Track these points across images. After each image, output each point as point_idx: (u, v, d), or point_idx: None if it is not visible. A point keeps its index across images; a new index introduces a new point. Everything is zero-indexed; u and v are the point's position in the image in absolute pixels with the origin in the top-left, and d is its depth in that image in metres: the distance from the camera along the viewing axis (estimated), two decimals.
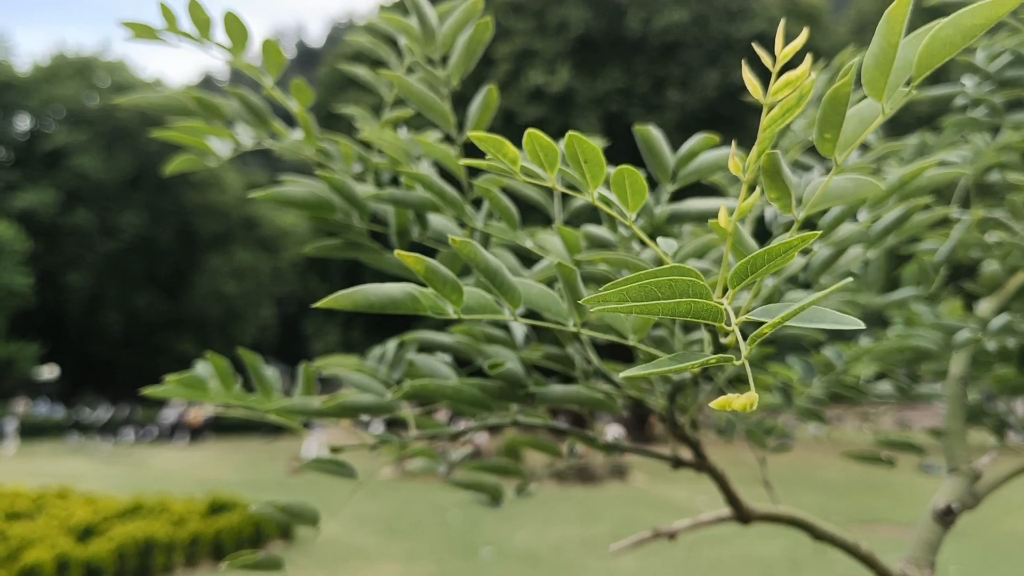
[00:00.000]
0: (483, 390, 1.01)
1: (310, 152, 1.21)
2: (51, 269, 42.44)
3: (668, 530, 1.22)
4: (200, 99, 1.13)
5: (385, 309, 0.84)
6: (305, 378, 1.01)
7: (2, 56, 47.31)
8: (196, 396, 1.02)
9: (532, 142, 0.83)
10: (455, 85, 1.10)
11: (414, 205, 1.03)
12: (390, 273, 1.14)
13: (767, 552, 12.25)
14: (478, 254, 0.83)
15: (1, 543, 9.21)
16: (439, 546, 12.15)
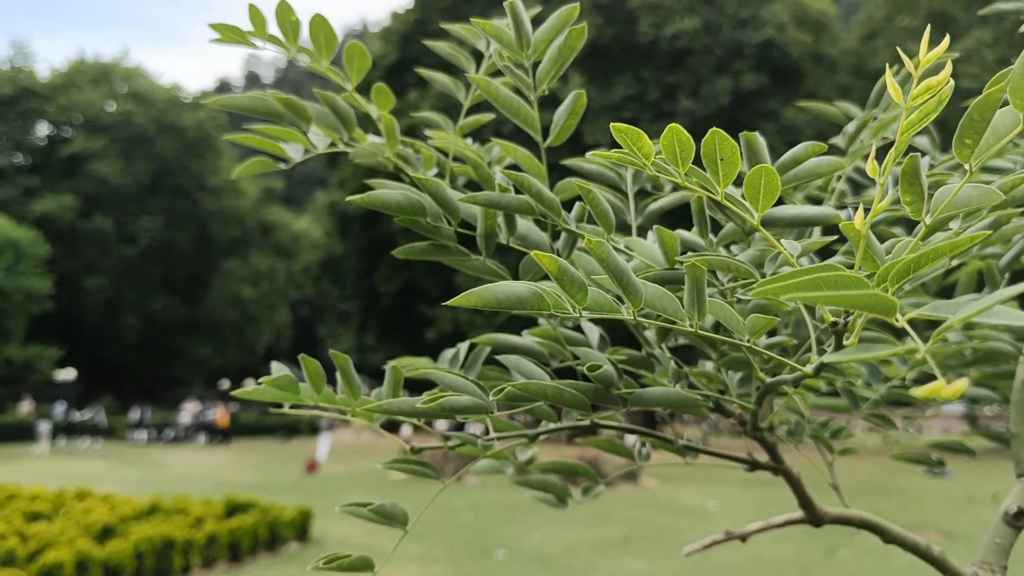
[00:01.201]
0: (582, 392, 1.01)
1: (388, 156, 1.21)
2: (69, 273, 42.85)
3: (740, 533, 1.22)
4: (287, 101, 1.15)
5: (512, 307, 0.86)
6: (393, 379, 1.04)
7: (21, 63, 47.81)
8: (288, 398, 1.04)
9: (671, 137, 0.82)
10: (544, 91, 1.10)
11: (510, 207, 1.03)
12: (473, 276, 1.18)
13: (778, 555, 12.28)
14: (609, 255, 0.84)
15: (21, 543, 9.37)
16: (454, 547, 12.24)
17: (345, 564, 1.14)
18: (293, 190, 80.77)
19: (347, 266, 42.18)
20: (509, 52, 1.10)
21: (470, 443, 1.21)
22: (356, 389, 1.05)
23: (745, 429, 1.13)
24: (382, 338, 44.51)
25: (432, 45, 1.31)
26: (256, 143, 1.27)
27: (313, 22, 1.10)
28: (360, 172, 38.62)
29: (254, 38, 1.11)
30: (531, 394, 0.97)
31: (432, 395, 1.00)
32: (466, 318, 37.02)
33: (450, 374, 1.07)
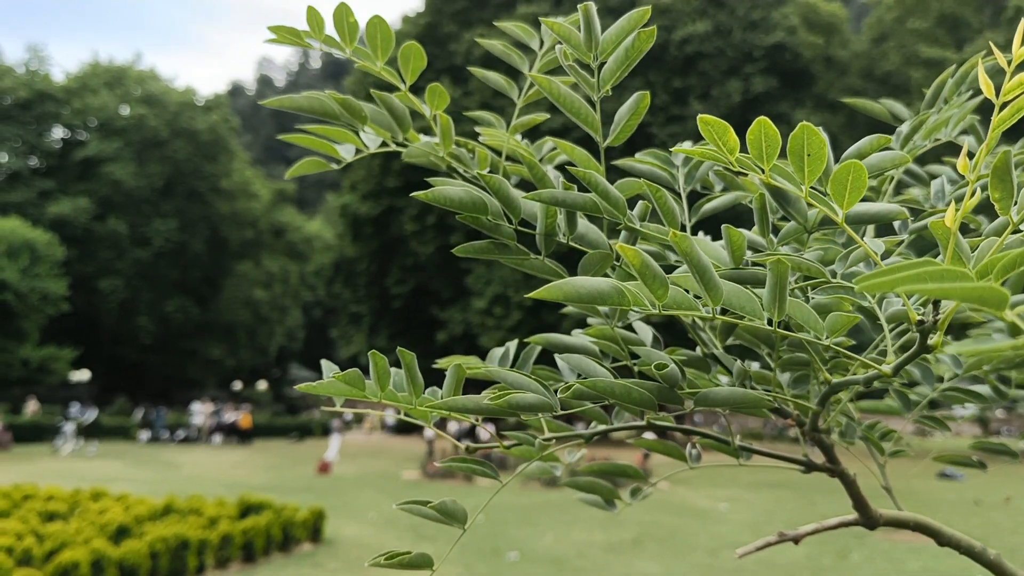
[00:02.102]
0: (649, 391, 0.99)
1: (442, 155, 1.20)
2: (84, 275, 43.16)
3: (793, 534, 1.19)
4: (344, 101, 1.14)
5: (593, 301, 0.84)
6: (455, 378, 1.03)
7: (37, 67, 48.18)
8: (354, 393, 0.98)
9: (759, 131, 0.81)
10: (607, 91, 1.08)
11: (575, 205, 1.00)
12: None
13: (789, 558, 12.28)
14: (693, 251, 0.83)
15: (37, 543, 9.47)
16: (466, 549, 12.30)
17: (405, 561, 1.12)
18: (305, 192, 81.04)
19: (359, 268, 42.36)
20: (576, 52, 1.09)
21: (526, 444, 1.19)
22: (419, 387, 1.04)
23: (803, 430, 1.13)
24: (393, 340, 44.63)
25: (485, 43, 1.29)
26: (308, 143, 1.27)
27: (371, 23, 1.11)
28: (372, 175, 38.52)
29: (310, 39, 1.11)
30: (599, 392, 0.97)
31: (498, 392, 1.00)
32: (477, 321, 37.07)
33: (512, 372, 1.07)
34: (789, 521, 15.90)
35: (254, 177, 53.42)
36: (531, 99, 1.25)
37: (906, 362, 0.90)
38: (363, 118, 1.20)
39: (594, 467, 1.39)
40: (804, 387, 1.19)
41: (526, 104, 1.27)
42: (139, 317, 46.62)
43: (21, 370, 31.40)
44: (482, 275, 37.39)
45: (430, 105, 1.20)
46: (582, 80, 1.09)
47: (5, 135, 45.54)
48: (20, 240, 30.21)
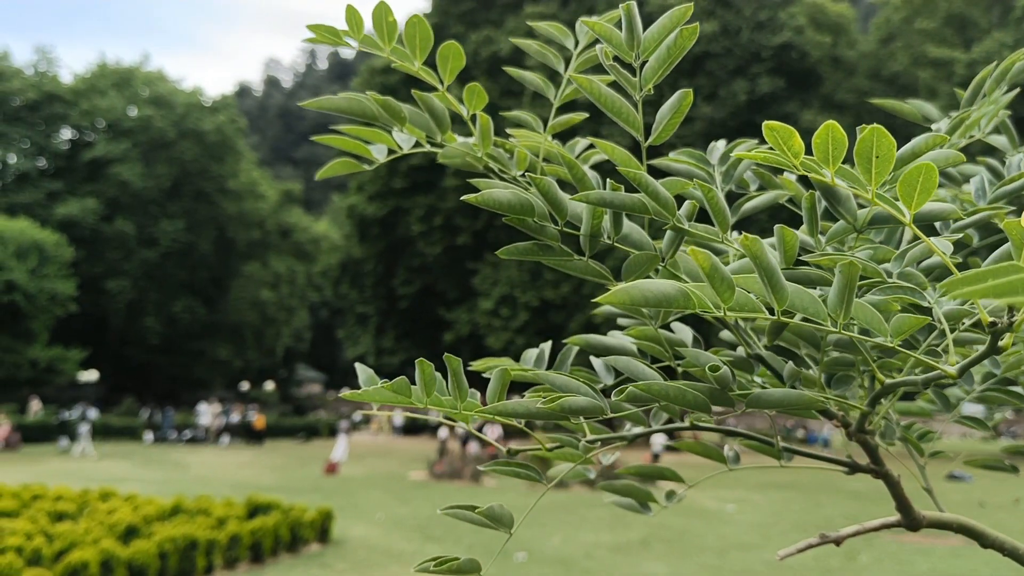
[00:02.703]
0: (702, 392, 0.99)
1: (480, 155, 1.19)
2: (92, 276, 43.29)
3: (835, 536, 1.18)
4: (384, 102, 1.14)
5: (659, 305, 0.84)
6: (501, 382, 1.02)
7: (45, 69, 48.34)
8: (401, 400, 1.00)
9: (826, 134, 0.81)
10: (649, 90, 1.07)
11: (623, 206, 0.99)
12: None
13: (797, 560, 12.26)
14: (763, 253, 0.83)
15: (47, 543, 9.51)
16: (473, 550, 12.29)
17: (455, 567, 1.10)
18: (312, 193, 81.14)
19: (366, 269, 42.41)
20: (617, 51, 1.07)
21: (570, 446, 1.18)
22: (464, 392, 1.04)
23: (848, 431, 1.11)
24: (400, 340, 44.67)
25: (521, 43, 1.28)
26: (340, 144, 1.26)
27: (410, 22, 1.10)
28: (379, 176, 38.48)
29: (348, 38, 1.11)
30: (654, 395, 0.96)
31: (549, 396, 0.99)
32: (483, 321, 37.08)
33: (560, 376, 1.06)
34: (796, 522, 15.87)
35: (261, 178, 53.51)
36: (567, 99, 1.24)
37: (974, 363, 0.88)
38: (402, 119, 1.19)
39: (632, 469, 1.37)
40: (845, 388, 1.18)
41: (529, 105, 1.25)
42: (146, 318, 46.75)
43: (29, 371, 31.51)
44: (489, 276, 37.40)
45: (468, 105, 1.19)
46: (624, 79, 1.08)
47: (13, 136, 45.72)
48: (29, 241, 30.32)
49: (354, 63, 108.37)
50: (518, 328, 36.40)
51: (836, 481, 22.48)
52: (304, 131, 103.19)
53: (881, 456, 1.18)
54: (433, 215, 38.41)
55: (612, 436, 1.18)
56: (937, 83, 37.14)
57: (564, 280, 36.81)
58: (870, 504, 18.88)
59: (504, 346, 36.36)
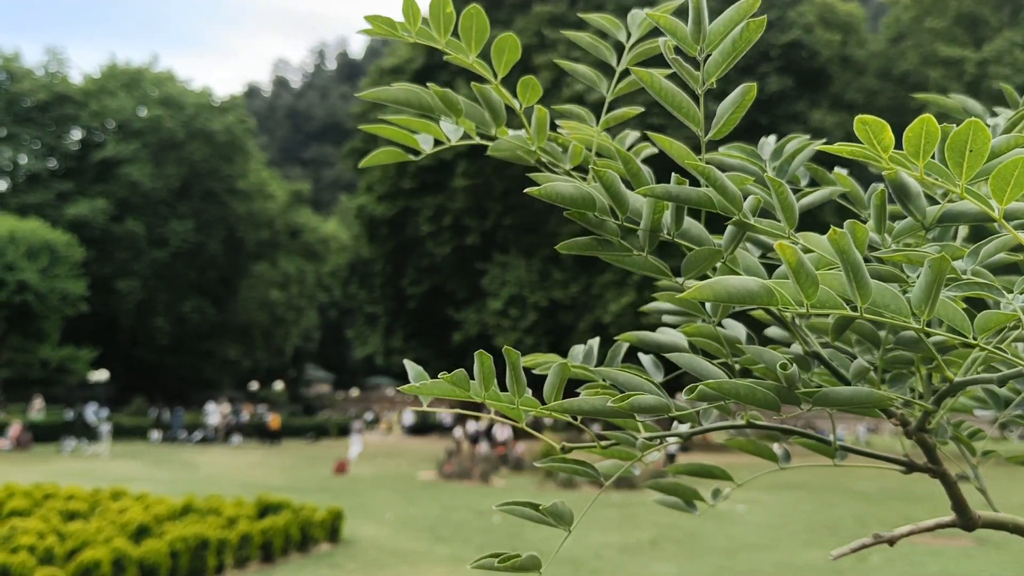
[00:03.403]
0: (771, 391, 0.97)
1: (534, 149, 1.18)
2: (102, 276, 43.46)
3: (888, 536, 1.16)
4: (443, 95, 1.13)
5: (743, 301, 0.83)
6: (559, 378, 1.01)
7: (56, 69, 48.55)
8: (459, 395, 0.96)
9: (920, 128, 0.80)
10: (712, 84, 1.06)
11: (688, 200, 0.98)
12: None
13: (806, 560, 12.24)
14: (850, 249, 0.82)
15: (59, 542, 9.56)
16: (483, 550, 12.26)
17: (517, 564, 1.08)
18: (320, 194, 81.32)
19: (374, 269, 42.47)
20: (682, 45, 1.06)
21: (626, 443, 1.16)
22: (522, 387, 1.03)
23: (907, 430, 1.10)
24: (409, 340, 44.70)
25: (573, 36, 1.27)
26: (389, 134, 1.24)
27: (467, 14, 1.08)
28: (388, 176, 38.45)
29: (404, 31, 1.10)
30: (724, 393, 0.95)
31: (623, 395, 0.98)
32: (493, 321, 37.10)
33: (623, 373, 1.05)
34: (806, 523, 15.84)
35: (270, 178, 53.66)
36: (621, 92, 1.23)
37: None
38: (459, 111, 1.18)
39: (680, 468, 1.35)
40: (899, 386, 1.17)
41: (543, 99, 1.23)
42: (156, 318, 46.92)
43: (40, 370, 31.66)
44: (497, 276, 37.42)
45: (521, 98, 1.18)
46: (686, 73, 1.06)
47: (24, 137, 45.95)
48: (40, 241, 30.45)
49: (363, 63, 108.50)
50: (527, 328, 36.40)
51: (845, 482, 22.42)
52: (313, 132, 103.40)
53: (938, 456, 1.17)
54: (442, 215, 38.44)
55: (669, 434, 1.16)
56: (948, 82, 36.98)
57: (573, 280, 36.79)
58: (879, 505, 18.83)
59: (513, 346, 36.26)
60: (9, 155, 46.05)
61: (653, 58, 1.20)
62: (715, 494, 1.41)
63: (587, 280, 36.49)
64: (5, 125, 45.65)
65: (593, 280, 36.25)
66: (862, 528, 15.37)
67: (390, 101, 1.18)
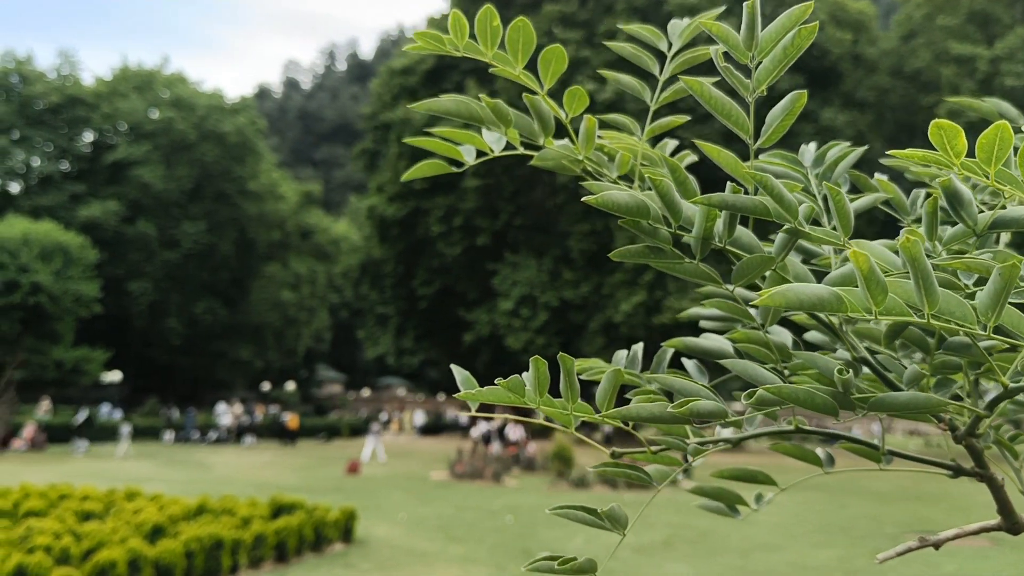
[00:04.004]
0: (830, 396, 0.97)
1: (580, 158, 1.18)
2: (114, 278, 43.66)
3: (934, 540, 1.16)
4: (494, 106, 1.13)
5: (813, 308, 0.84)
6: (613, 383, 1.01)
7: (68, 72, 48.78)
8: (514, 400, 1.01)
9: (995, 135, 0.80)
10: (762, 92, 1.05)
11: (744, 209, 0.98)
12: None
13: (820, 560, 12.20)
14: (921, 256, 0.82)
15: (75, 542, 9.61)
16: (496, 550, 12.32)
17: (576, 567, 1.09)
18: (331, 194, 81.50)
19: (385, 270, 42.55)
20: (734, 52, 1.06)
21: (677, 448, 1.16)
22: (575, 393, 1.03)
23: (955, 435, 1.10)
24: (419, 341, 44.77)
25: (615, 46, 1.27)
26: (433, 146, 1.25)
27: (514, 27, 1.10)
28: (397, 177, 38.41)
29: (451, 45, 1.11)
30: (783, 397, 0.95)
31: (683, 401, 0.99)
32: (503, 322, 37.13)
33: (679, 379, 1.06)
34: (820, 524, 15.79)
35: (281, 179, 53.80)
36: (665, 101, 1.22)
37: None
38: (508, 122, 1.18)
39: (725, 472, 1.35)
40: (944, 391, 1.17)
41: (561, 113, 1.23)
42: (168, 319, 47.10)
43: (55, 372, 31.83)
44: (508, 276, 37.43)
45: (568, 108, 1.18)
46: (736, 81, 1.07)
47: (37, 140, 46.19)
48: (53, 243, 30.61)
49: (373, 64, 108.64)
50: (538, 328, 36.40)
51: (859, 482, 22.32)
52: (323, 132, 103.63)
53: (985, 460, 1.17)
54: (453, 216, 38.48)
55: (720, 439, 1.16)
56: (960, 80, 36.79)
57: (584, 280, 36.77)
58: (892, 505, 18.75)
59: (524, 346, 36.36)
60: (22, 157, 46.29)
61: (692, 68, 1.20)
62: (758, 498, 1.41)
63: (598, 280, 36.46)
64: (18, 128, 45.88)
65: (604, 280, 36.23)
66: (876, 528, 15.31)
67: (440, 112, 1.19)
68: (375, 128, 41.33)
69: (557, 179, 36.02)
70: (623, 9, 36.58)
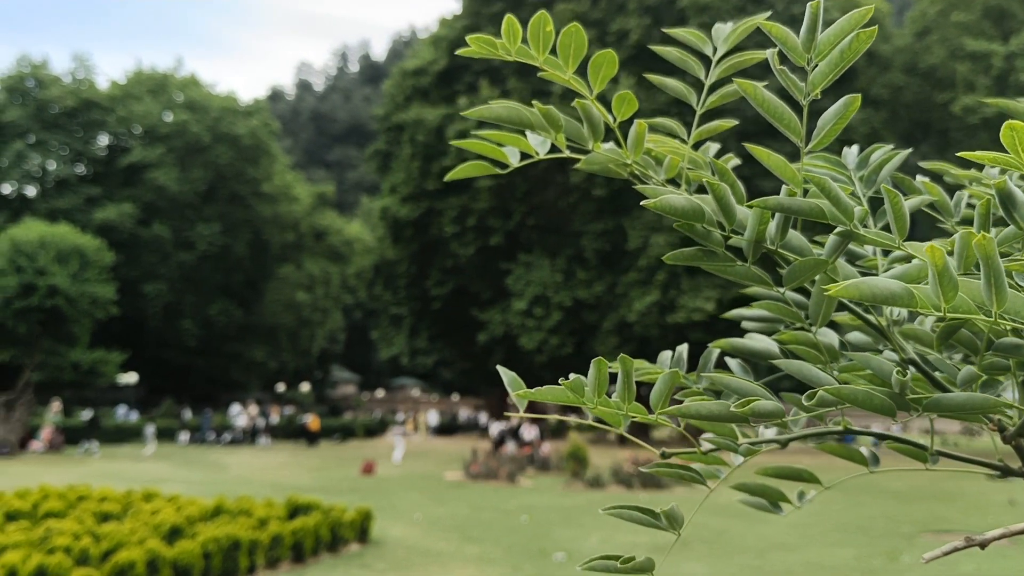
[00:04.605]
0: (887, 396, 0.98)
1: (629, 162, 1.18)
2: (130, 280, 43.92)
3: (981, 539, 1.16)
4: (545, 111, 1.15)
5: (885, 302, 0.84)
6: (669, 385, 1.01)
7: (83, 76, 49.10)
8: (573, 400, 1.02)
9: None
10: (817, 95, 1.06)
11: (800, 212, 0.99)
12: (735, 282, 1.11)
13: (837, 560, 12.15)
14: (995, 256, 0.83)
15: (94, 543, 9.68)
16: (511, 550, 12.33)
17: (635, 565, 1.09)
18: (344, 195, 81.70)
19: (399, 270, 42.64)
20: (791, 55, 1.06)
21: (729, 449, 1.16)
22: (631, 394, 1.04)
23: (1004, 435, 1.09)
24: (433, 341, 44.83)
25: (661, 51, 1.27)
26: (479, 148, 1.26)
27: (566, 32, 1.11)
28: (412, 178, 38.46)
29: (503, 50, 1.12)
30: (842, 398, 0.96)
31: (745, 400, 0.99)
32: (517, 322, 37.14)
33: (736, 379, 1.07)
34: (837, 523, 15.72)
35: (294, 181, 53.99)
36: (713, 105, 1.23)
37: None
38: (559, 127, 1.19)
39: (770, 470, 1.36)
40: (992, 391, 1.18)
41: (558, 104, 1.24)
42: (183, 320, 47.34)
43: (72, 373, 32.07)
44: (522, 276, 37.43)
45: (616, 113, 1.18)
46: (791, 84, 1.07)
47: (53, 143, 46.52)
48: (70, 246, 30.84)
49: (385, 65, 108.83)
50: (552, 328, 36.39)
51: (877, 482, 22.20)
52: (336, 134, 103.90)
53: None
54: (466, 216, 38.51)
55: (771, 440, 1.16)
56: (975, 76, 36.56)
57: (597, 279, 36.74)
58: (909, 504, 18.65)
59: (538, 346, 36.37)
60: (38, 161, 46.64)
61: (737, 72, 1.21)
62: (800, 496, 1.41)
63: (611, 279, 36.42)
64: (34, 131, 46.22)
65: (617, 279, 36.19)
66: (893, 527, 15.24)
67: (492, 119, 1.19)
68: (388, 129, 41.42)
69: (570, 179, 35.99)
70: (635, 8, 36.54)
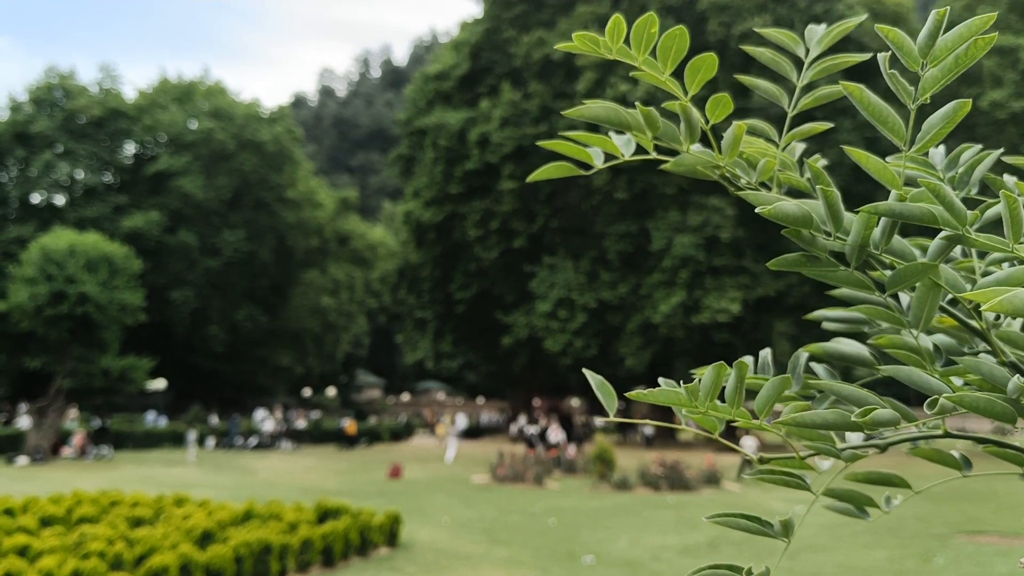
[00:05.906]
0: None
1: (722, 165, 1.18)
2: (157, 286, 44.37)
3: None
4: (646, 112, 1.15)
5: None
6: (776, 390, 0.99)
7: (110, 86, 49.68)
8: (683, 403, 1.03)
9: None
10: (926, 100, 1.06)
11: (912, 217, 0.98)
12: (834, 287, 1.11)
13: (869, 562, 12.04)
14: None
15: (127, 548, 9.80)
16: (540, 552, 12.33)
17: None
18: (367, 200, 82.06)
19: (423, 274, 42.77)
20: (905, 59, 1.06)
21: (831, 455, 1.15)
22: (740, 399, 1.04)
23: None
24: (458, 344, 44.92)
25: (753, 51, 1.28)
26: (564, 149, 1.26)
27: (670, 35, 1.12)
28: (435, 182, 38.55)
29: (605, 49, 1.12)
30: (964, 405, 0.94)
31: (866, 409, 0.99)
32: (541, 324, 37.13)
33: (846, 386, 1.06)
34: (868, 524, 15.57)
35: (318, 186, 54.33)
36: (804, 108, 1.23)
37: None
38: (657, 128, 1.19)
39: (860, 476, 1.35)
40: None
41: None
42: (210, 326, 47.75)
43: (102, 380, 32.43)
44: (545, 279, 37.41)
45: (710, 115, 1.19)
46: (900, 88, 1.07)
47: (81, 153, 47.10)
48: (99, 254, 31.21)
49: (407, 70, 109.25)
50: (576, 330, 36.34)
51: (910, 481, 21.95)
52: (359, 139, 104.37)
53: None
54: (489, 219, 38.55)
55: (871, 444, 1.16)
56: (1002, 71, 36.16)
57: (621, 281, 36.65)
58: (941, 505, 18.44)
59: (562, 348, 36.33)
60: (67, 170, 47.22)
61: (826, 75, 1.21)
62: (887, 500, 1.40)
63: (635, 281, 36.32)
64: (62, 141, 46.82)
65: (641, 281, 36.07)
66: (925, 529, 15.08)
67: (590, 118, 1.20)
68: (410, 134, 41.57)
69: (592, 181, 35.92)
70: (656, 9, 36.44)
